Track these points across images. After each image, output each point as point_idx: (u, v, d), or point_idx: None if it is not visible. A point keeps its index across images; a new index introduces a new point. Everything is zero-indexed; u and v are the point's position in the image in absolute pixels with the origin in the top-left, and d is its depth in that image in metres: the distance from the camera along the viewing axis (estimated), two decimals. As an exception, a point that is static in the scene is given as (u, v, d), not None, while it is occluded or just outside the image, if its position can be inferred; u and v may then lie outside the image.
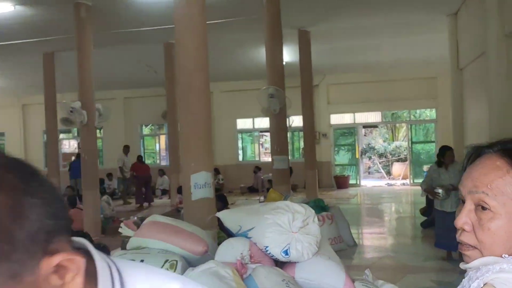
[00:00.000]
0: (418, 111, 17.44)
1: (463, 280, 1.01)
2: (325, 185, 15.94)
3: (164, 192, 15.40)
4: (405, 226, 9.78)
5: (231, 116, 17.49)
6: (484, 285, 0.92)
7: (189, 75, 4.53)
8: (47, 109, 12.77)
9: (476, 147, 1.05)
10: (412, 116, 17.20)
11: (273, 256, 2.88)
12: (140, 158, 14.85)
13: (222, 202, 6.62)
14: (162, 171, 15.83)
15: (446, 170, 6.24)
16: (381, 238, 8.51)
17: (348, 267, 3.66)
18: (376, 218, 10.69)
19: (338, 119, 16.98)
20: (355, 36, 11.82)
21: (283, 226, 2.90)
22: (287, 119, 9.94)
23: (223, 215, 3.38)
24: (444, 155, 6.26)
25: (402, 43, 12.60)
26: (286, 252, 2.86)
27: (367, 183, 17.31)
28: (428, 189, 6.31)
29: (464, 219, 0.99)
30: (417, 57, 13.88)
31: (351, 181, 16.82)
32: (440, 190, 6.10)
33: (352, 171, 17.47)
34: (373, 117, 17.36)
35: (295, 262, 2.91)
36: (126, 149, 14.78)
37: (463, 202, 1.01)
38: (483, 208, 0.96)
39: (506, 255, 0.95)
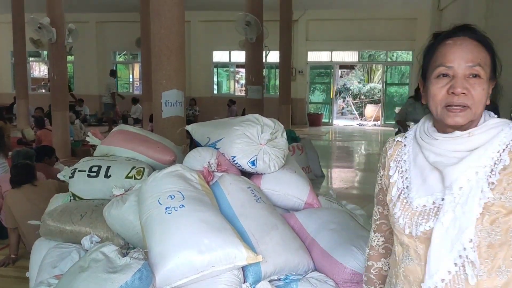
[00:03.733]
0: (395, 54, 17.40)
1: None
2: (298, 122, 16.04)
3: (137, 121, 15.23)
4: (373, 162, 10.00)
5: (208, 47, 17.09)
6: None
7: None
8: (15, 27, 12.20)
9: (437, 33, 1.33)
10: (388, 58, 17.17)
11: (240, 166, 2.90)
12: None
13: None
14: (135, 99, 15.59)
15: (422, 105, 6.29)
16: (348, 172, 8.71)
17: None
18: (345, 154, 10.89)
19: (316, 56, 16.81)
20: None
21: (251, 138, 2.91)
22: (264, 51, 9.81)
23: (192, 128, 3.35)
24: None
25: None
26: (253, 163, 2.88)
27: (339, 122, 17.49)
28: (401, 121, 6.44)
29: (465, 84, 1.24)
30: (399, -5, 13.69)
31: (324, 120, 16.96)
32: (411, 123, 6.21)
33: (326, 111, 17.55)
34: (350, 57, 17.25)
35: (262, 174, 2.95)
36: (113, 73, 14.56)
37: (444, 76, 1.28)
38: (474, 76, 1.23)
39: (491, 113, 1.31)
